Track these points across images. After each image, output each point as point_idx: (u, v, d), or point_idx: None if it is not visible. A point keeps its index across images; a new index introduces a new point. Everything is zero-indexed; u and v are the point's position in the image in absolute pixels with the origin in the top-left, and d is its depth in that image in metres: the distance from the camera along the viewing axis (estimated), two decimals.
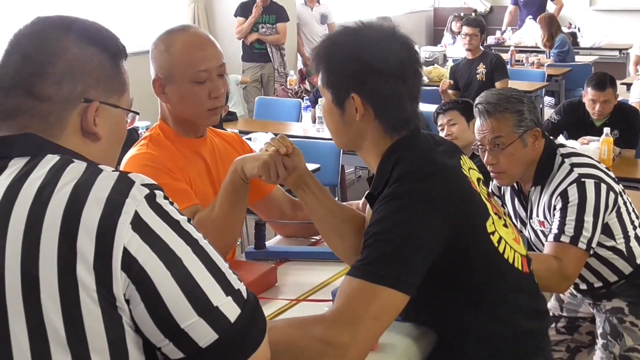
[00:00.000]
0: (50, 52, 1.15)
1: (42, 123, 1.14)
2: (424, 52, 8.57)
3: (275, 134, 4.85)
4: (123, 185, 1.07)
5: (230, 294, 1.09)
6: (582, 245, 2.22)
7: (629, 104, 5.12)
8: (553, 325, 2.70)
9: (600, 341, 2.53)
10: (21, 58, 1.15)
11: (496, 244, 1.54)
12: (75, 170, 1.09)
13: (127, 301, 1.04)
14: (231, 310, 1.08)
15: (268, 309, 1.77)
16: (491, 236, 1.54)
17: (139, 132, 4.16)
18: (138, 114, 1.28)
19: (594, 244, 2.25)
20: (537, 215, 2.39)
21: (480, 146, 2.36)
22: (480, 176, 1.68)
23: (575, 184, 2.25)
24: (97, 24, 1.22)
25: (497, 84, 6.13)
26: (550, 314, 2.72)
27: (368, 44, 1.54)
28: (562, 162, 2.32)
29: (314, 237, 2.30)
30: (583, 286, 2.48)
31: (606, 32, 10.30)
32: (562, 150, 2.36)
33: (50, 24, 1.18)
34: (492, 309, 1.55)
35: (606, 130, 4.18)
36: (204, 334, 1.06)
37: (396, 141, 1.57)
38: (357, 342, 1.41)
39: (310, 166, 4.18)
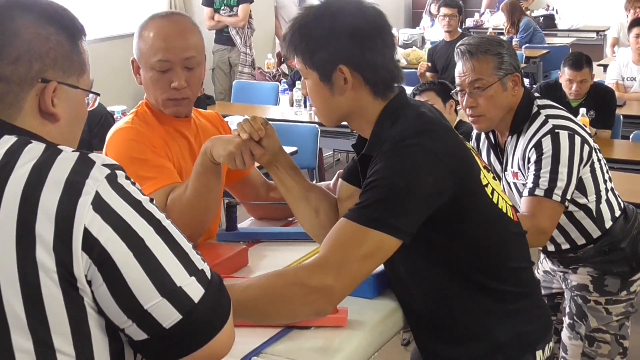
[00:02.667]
0: (5, 31, 1.13)
1: None
2: (402, 34, 8.57)
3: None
4: (83, 166, 1.07)
5: (193, 274, 1.09)
6: (556, 197, 2.23)
7: (605, 84, 5.15)
8: None
9: (567, 320, 2.56)
10: None
11: (490, 195, 1.60)
12: (33, 151, 1.08)
13: (89, 282, 1.04)
14: (195, 291, 1.08)
15: None
16: (485, 188, 1.59)
17: (115, 116, 4.12)
18: (99, 94, 1.27)
19: (568, 196, 2.26)
20: (512, 167, 2.40)
21: (460, 91, 2.36)
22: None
23: (549, 135, 2.26)
24: (55, 4, 1.21)
25: None
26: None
27: (341, 13, 1.56)
28: (538, 113, 2.33)
29: (288, 219, 2.31)
30: (551, 247, 2.50)
31: (584, 14, 10.35)
32: (539, 102, 2.37)
33: (6, 2, 1.16)
34: (487, 254, 1.60)
35: (582, 110, 4.20)
36: (167, 315, 1.06)
37: (389, 102, 1.60)
38: (340, 282, 1.43)
39: (288, 149, 4.15)
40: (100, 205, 1.04)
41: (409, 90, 4.18)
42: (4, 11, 1.15)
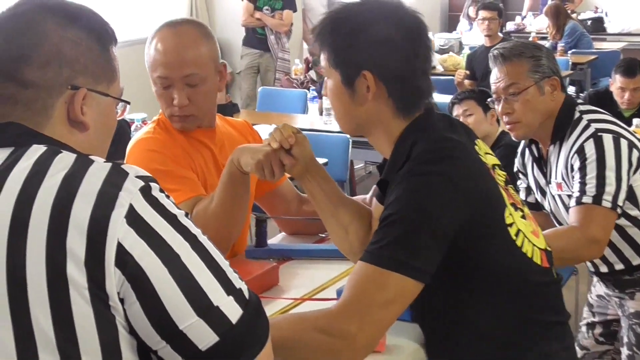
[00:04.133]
0: (35, 35, 1.15)
1: (26, 111, 1.15)
2: (438, 39, 8.56)
3: None
4: (116, 177, 1.08)
5: (231, 293, 1.09)
6: (606, 203, 2.18)
7: None
8: (590, 333, 2.69)
9: (625, 351, 2.51)
10: (3, 41, 1.15)
11: (514, 237, 1.55)
12: (64, 161, 1.09)
13: (122, 300, 1.05)
14: (233, 311, 1.08)
15: (270, 309, 1.78)
16: (509, 228, 1.54)
17: (134, 124, 4.17)
18: (129, 103, 1.29)
19: (619, 202, 2.21)
20: (555, 178, 2.37)
21: (495, 98, 2.36)
22: (497, 161, 1.68)
23: (592, 139, 2.23)
24: (85, 7, 1.23)
25: None
26: (585, 322, 2.72)
27: (376, 16, 1.55)
28: (580, 118, 2.31)
29: (320, 235, 2.32)
30: (604, 268, 2.45)
31: (636, 16, 10.25)
32: (581, 107, 2.35)
33: (36, 5, 1.18)
34: (508, 305, 1.56)
35: (636, 121, 4.17)
36: (203, 336, 1.06)
37: (411, 122, 1.58)
38: (364, 331, 1.41)
39: (318, 161, 4.19)
40: (134, 219, 1.05)
41: (447, 99, 4.18)
42: (32, 14, 1.17)
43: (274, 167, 1.78)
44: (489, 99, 2.48)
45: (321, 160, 4.24)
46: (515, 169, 2.61)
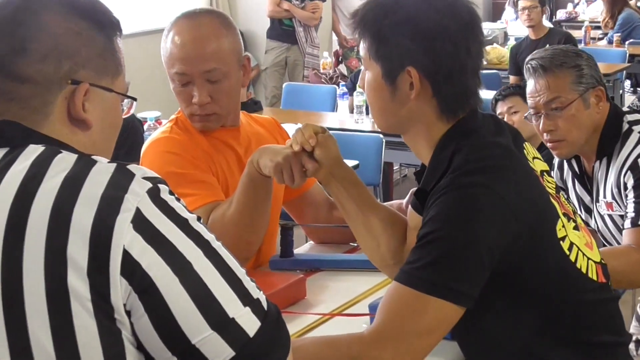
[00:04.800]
0: (31, 25, 1.15)
1: (23, 108, 1.14)
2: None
3: None
4: (122, 179, 1.07)
5: (248, 304, 1.08)
6: None
7: None
8: (638, 352, 2.65)
9: None
10: None
11: (567, 251, 1.52)
12: (64, 161, 1.09)
13: (128, 313, 1.04)
14: (250, 323, 1.07)
15: (296, 325, 1.78)
16: (561, 242, 1.51)
17: (147, 124, 4.19)
18: (135, 99, 1.28)
19: None
20: (604, 197, 2.33)
21: (534, 114, 2.32)
22: (546, 166, 1.66)
23: None
24: None
25: None
26: (634, 338, 2.67)
27: (429, 5, 1.52)
28: (630, 130, 2.27)
29: (352, 244, 2.30)
30: None
31: None
32: (629, 117, 2.31)
33: None
34: (562, 327, 1.52)
35: None
36: (218, 351, 1.05)
37: (454, 125, 1.55)
38: (402, 358, 1.40)
39: (348, 163, 4.14)
40: (141, 224, 1.05)
41: (490, 94, 4.14)
42: (29, 3, 1.17)
43: (294, 171, 1.77)
44: (525, 114, 2.44)
45: (351, 163, 4.22)
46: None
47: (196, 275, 1.06)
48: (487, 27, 8.64)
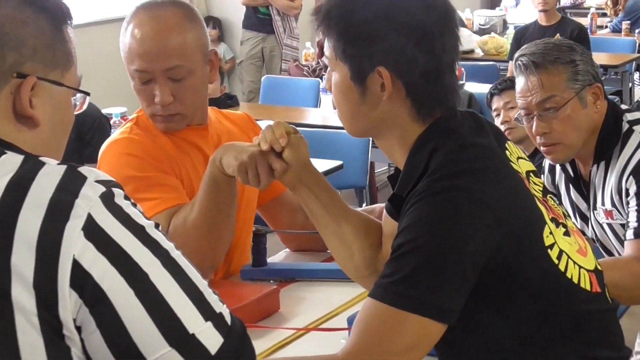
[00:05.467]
0: None
1: None
2: (478, 17, 8.55)
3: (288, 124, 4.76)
4: (72, 182, 1.08)
5: (210, 318, 1.09)
6: None
7: None
8: None
9: None
10: None
11: (556, 260, 1.52)
12: (8, 163, 1.09)
13: (79, 328, 1.05)
14: (212, 339, 1.08)
15: (268, 341, 1.79)
16: (549, 250, 1.51)
17: (112, 121, 4.18)
18: (88, 94, 1.28)
19: None
20: (603, 204, 2.32)
21: (525, 115, 2.30)
22: (532, 167, 1.66)
23: None
24: None
25: None
26: (635, 351, 2.68)
27: None
28: (631, 131, 2.25)
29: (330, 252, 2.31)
30: None
31: None
32: (629, 116, 2.30)
33: None
34: (554, 341, 1.53)
35: None
36: None
37: (430, 125, 1.55)
38: None
39: (331, 163, 4.18)
40: (93, 231, 1.05)
41: (487, 88, 4.15)
42: None
43: (260, 172, 1.76)
44: (515, 115, 2.43)
45: (336, 163, 4.23)
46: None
47: (153, 287, 1.06)
48: (484, 15, 8.71)
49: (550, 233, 1.53)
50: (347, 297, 2.01)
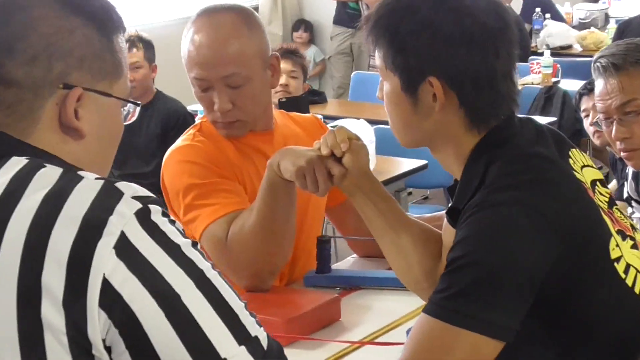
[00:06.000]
0: (17, 22, 1.14)
1: (8, 115, 1.14)
2: (578, 10, 8.31)
3: (376, 121, 4.69)
4: (107, 198, 1.06)
5: (244, 342, 1.06)
6: None
7: None
8: None
9: None
10: None
11: (623, 275, 1.47)
12: (46, 177, 1.09)
13: (108, 349, 1.04)
14: None
15: (322, 353, 1.77)
16: (615, 264, 1.46)
17: (198, 117, 4.19)
18: (139, 105, 1.28)
19: None
20: None
21: (603, 119, 2.24)
22: (598, 175, 1.61)
23: None
24: None
25: None
26: None
27: (446, 6, 1.49)
28: None
29: None
30: None
31: None
32: None
33: None
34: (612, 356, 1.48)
35: None
36: None
37: (486, 135, 1.52)
38: None
39: (416, 162, 4.14)
40: (125, 250, 1.04)
41: (577, 86, 4.02)
42: None
43: (318, 177, 1.75)
44: (593, 120, 2.36)
45: (420, 162, 4.18)
46: (625, 195, 2.51)
47: (185, 308, 1.04)
48: (584, 9, 8.46)
49: (617, 246, 1.48)
50: (411, 308, 1.97)
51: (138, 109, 1.29)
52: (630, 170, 2.49)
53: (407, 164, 4.14)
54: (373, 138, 3.98)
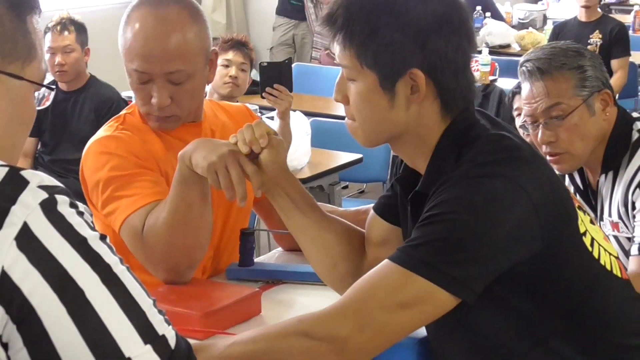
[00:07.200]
0: None
1: None
2: (518, 11, 8.40)
3: (313, 114, 4.66)
4: (11, 187, 1.04)
5: (150, 341, 1.04)
6: None
7: None
8: None
9: None
10: None
11: (590, 248, 1.52)
12: None
13: (5, 345, 1.01)
14: None
15: None
16: (583, 237, 1.51)
17: (131, 104, 4.14)
18: (53, 89, 1.25)
19: None
20: (610, 215, 2.28)
21: (530, 123, 2.26)
22: None
23: None
24: None
25: (614, 63, 5.97)
26: None
27: None
28: None
29: None
30: None
31: None
32: (639, 124, 2.25)
33: None
34: (587, 329, 1.51)
35: None
36: None
37: (452, 123, 1.53)
38: (358, 335, 1.36)
39: (352, 156, 4.14)
40: (27, 242, 1.01)
41: (512, 84, 4.06)
42: None
43: (232, 174, 1.68)
44: (519, 124, 2.38)
45: (355, 156, 4.17)
46: None
47: (88, 305, 1.02)
48: (524, 9, 8.55)
49: (582, 221, 1.52)
50: (331, 302, 1.95)
51: (52, 93, 1.27)
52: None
53: (342, 157, 4.13)
54: (309, 130, 3.97)
